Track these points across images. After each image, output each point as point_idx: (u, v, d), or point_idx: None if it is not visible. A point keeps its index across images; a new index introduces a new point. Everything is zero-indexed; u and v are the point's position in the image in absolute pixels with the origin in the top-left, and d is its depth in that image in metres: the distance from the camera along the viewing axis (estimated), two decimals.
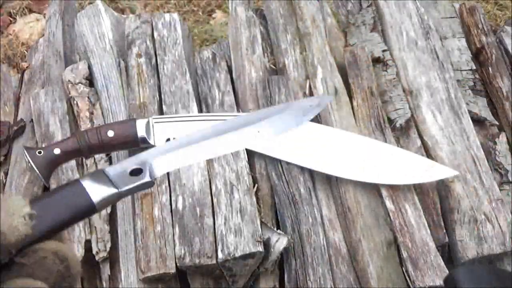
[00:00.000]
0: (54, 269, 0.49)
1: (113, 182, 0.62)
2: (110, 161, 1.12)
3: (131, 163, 0.66)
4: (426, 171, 1.07)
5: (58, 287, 0.49)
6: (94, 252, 1.03)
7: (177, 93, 1.18)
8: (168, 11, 2.04)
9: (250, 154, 1.10)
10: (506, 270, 1.00)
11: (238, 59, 1.25)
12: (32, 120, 1.22)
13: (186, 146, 0.69)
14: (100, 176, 0.62)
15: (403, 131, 1.16)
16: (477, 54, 1.32)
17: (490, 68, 1.28)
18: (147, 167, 0.66)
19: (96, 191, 0.60)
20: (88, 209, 0.59)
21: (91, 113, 1.19)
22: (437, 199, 1.08)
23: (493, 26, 1.43)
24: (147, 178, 0.65)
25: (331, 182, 1.09)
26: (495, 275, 0.69)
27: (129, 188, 0.63)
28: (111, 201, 0.62)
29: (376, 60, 1.26)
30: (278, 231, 1.00)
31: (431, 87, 1.21)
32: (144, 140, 1.07)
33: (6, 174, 1.17)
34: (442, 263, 0.98)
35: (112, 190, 0.61)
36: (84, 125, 1.17)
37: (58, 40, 1.38)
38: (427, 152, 1.13)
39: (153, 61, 1.24)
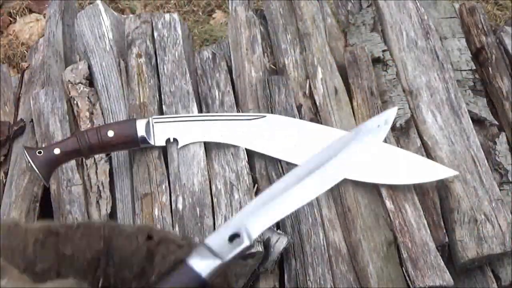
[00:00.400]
0: None
1: (216, 253, 0.64)
2: (110, 161, 1.12)
3: (227, 229, 0.68)
4: (426, 171, 1.07)
5: None
6: None
7: (177, 93, 1.18)
8: (168, 11, 2.04)
9: (250, 154, 1.10)
10: None
11: (238, 59, 1.25)
12: (32, 120, 1.22)
13: (273, 200, 0.71)
14: (203, 251, 0.63)
15: (403, 131, 1.16)
16: (477, 54, 1.31)
17: (490, 68, 1.28)
18: (243, 231, 0.68)
19: (203, 267, 0.61)
20: (201, 286, 0.62)
21: (91, 113, 1.19)
22: (437, 199, 1.08)
23: (493, 26, 1.43)
24: (246, 242, 0.68)
25: None
26: None
27: (233, 256, 0.65)
28: (219, 271, 0.64)
29: (376, 60, 1.26)
30: (278, 231, 1.00)
31: (431, 87, 1.21)
32: (144, 140, 1.07)
33: (6, 174, 1.17)
34: (442, 263, 0.98)
35: (217, 262, 0.63)
36: (84, 125, 1.17)
37: (58, 40, 1.38)
38: (427, 152, 1.13)
39: (153, 61, 1.24)
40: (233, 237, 0.68)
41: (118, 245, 0.50)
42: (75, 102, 1.21)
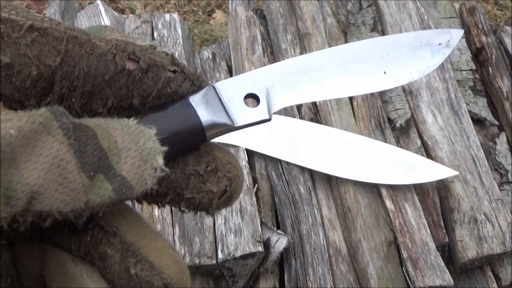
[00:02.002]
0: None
1: (225, 107, 0.43)
2: None
3: (246, 83, 0.46)
4: (426, 171, 1.07)
5: None
6: None
7: None
8: (168, 11, 2.04)
9: (250, 154, 1.10)
10: None
11: (238, 59, 1.25)
12: None
13: (306, 74, 0.49)
14: (212, 96, 0.43)
15: (403, 131, 1.16)
16: (477, 54, 1.32)
17: (490, 68, 1.28)
18: (264, 95, 0.46)
19: (207, 119, 0.42)
20: (197, 133, 0.42)
21: None
22: (437, 199, 1.08)
23: (493, 26, 1.43)
24: (264, 114, 0.45)
25: (331, 182, 1.09)
26: None
27: (245, 124, 0.43)
28: (222, 133, 0.43)
29: None
30: (278, 231, 1.00)
31: (431, 87, 1.21)
32: None
33: None
34: (442, 263, 0.98)
35: (226, 121, 0.43)
36: None
37: None
38: (427, 152, 1.13)
39: None
40: (249, 97, 0.47)
41: (84, 65, 0.36)
42: None
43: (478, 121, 1.20)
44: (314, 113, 1.18)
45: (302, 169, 1.08)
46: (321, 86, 0.53)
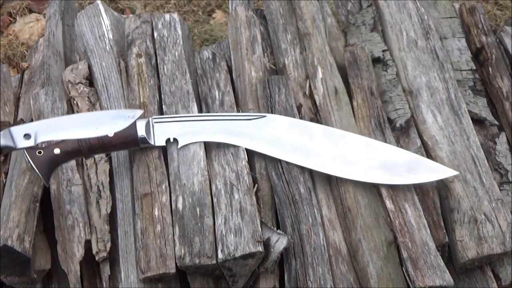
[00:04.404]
0: None
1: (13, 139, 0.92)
2: (110, 161, 1.12)
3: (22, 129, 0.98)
4: (426, 171, 1.07)
5: None
6: (94, 252, 1.03)
7: (177, 93, 1.18)
8: (168, 11, 2.04)
9: (250, 154, 1.10)
10: None
11: (238, 59, 1.25)
12: (32, 120, 1.22)
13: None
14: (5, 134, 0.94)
15: (403, 131, 1.16)
16: (477, 54, 1.32)
17: (490, 68, 1.28)
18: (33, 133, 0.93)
19: None
20: None
21: None
22: (437, 199, 1.08)
23: (493, 26, 1.43)
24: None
25: (331, 182, 1.09)
26: None
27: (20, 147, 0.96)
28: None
29: (376, 60, 1.26)
30: (278, 231, 1.00)
31: (431, 87, 1.21)
32: (144, 140, 1.07)
33: (6, 174, 1.17)
34: (442, 263, 0.98)
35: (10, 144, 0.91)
36: None
37: (58, 40, 1.38)
38: (427, 152, 1.13)
39: (153, 61, 1.24)
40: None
41: None
42: (75, 102, 1.21)
43: (478, 121, 1.20)
44: (314, 113, 1.18)
45: (302, 169, 1.08)
46: None
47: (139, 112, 0.97)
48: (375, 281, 0.97)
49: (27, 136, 0.79)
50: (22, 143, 0.78)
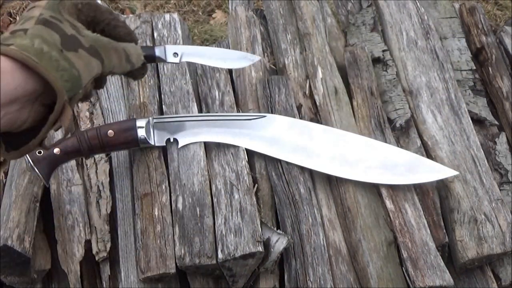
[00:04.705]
0: None
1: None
2: (110, 161, 1.12)
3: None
4: (426, 171, 1.07)
5: None
6: (94, 252, 1.03)
7: (177, 93, 1.18)
8: (168, 11, 2.04)
9: (250, 154, 1.10)
10: None
11: None
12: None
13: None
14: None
15: (403, 131, 1.16)
16: (477, 54, 1.32)
17: (490, 68, 1.28)
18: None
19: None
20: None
21: (91, 113, 1.19)
22: (437, 199, 1.08)
23: (493, 26, 1.43)
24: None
25: (331, 182, 1.09)
26: None
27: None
28: None
29: (376, 60, 1.26)
30: (278, 231, 1.00)
31: (431, 87, 1.21)
32: (144, 140, 1.07)
33: (6, 174, 1.17)
34: (442, 263, 0.98)
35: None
36: (84, 125, 1.17)
37: None
38: (427, 152, 1.13)
39: None
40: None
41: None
42: None
43: (478, 121, 1.20)
44: (314, 113, 1.18)
45: (302, 169, 1.08)
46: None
47: (257, 58, 1.11)
48: (375, 281, 0.97)
49: (175, 54, 0.98)
50: (171, 59, 0.97)
